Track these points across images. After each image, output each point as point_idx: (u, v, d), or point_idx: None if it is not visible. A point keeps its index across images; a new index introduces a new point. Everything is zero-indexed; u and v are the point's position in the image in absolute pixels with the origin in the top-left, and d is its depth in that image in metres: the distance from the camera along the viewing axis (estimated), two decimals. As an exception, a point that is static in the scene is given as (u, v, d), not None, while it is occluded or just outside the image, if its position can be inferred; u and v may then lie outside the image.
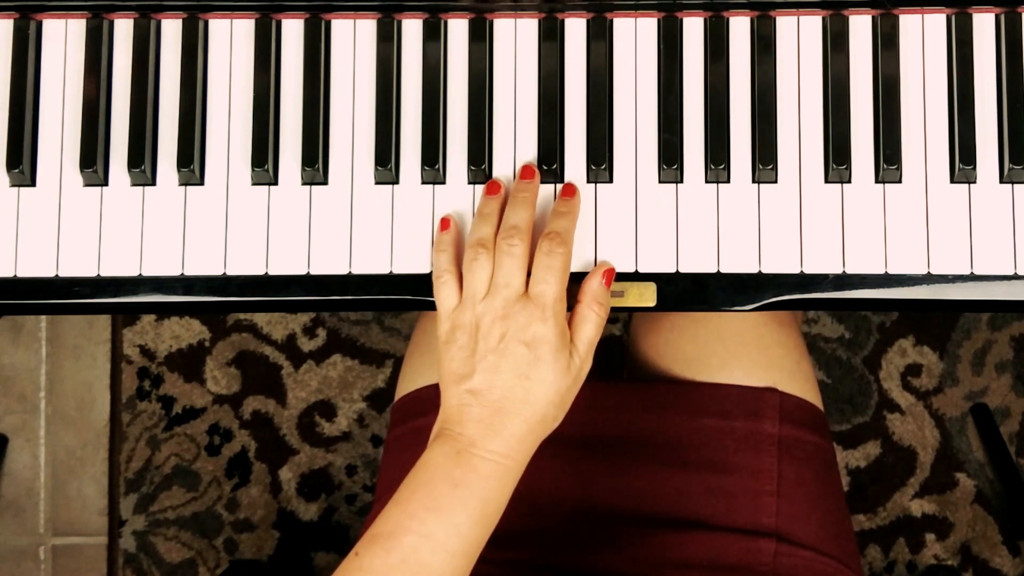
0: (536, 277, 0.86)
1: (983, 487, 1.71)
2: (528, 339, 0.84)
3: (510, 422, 0.84)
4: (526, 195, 0.89)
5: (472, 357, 0.85)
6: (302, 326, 1.76)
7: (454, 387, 0.86)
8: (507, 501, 0.85)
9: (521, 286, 0.86)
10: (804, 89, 0.92)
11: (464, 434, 0.84)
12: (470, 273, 0.87)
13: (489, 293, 0.86)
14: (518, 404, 0.84)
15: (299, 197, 0.93)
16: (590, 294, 0.88)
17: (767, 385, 1.04)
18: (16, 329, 1.79)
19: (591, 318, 0.88)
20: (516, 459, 0.85)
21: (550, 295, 0.85)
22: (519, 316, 0.85)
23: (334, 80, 0.94)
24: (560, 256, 0.86)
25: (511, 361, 0.84)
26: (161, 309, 0.94)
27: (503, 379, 0.84)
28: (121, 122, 0.94)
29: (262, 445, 1.76)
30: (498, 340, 0.85)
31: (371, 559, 0.81)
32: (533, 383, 0.84)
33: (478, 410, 0.84)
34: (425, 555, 0.80)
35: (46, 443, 1.78)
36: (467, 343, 0.86)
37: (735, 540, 0.99)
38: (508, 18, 0.94)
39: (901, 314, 1.73)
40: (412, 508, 0.82)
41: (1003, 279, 0.90)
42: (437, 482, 0.83)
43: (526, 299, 0.85)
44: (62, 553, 1.78)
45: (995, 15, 0.92)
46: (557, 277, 0.86)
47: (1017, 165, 0.89)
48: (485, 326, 0.85)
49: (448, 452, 0.84)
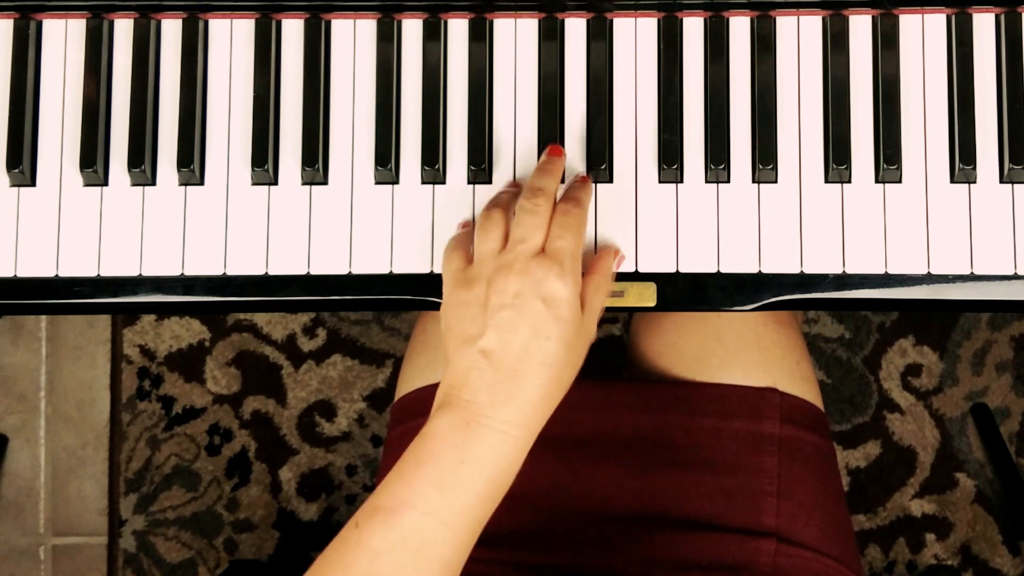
0: (554, 234, 0.82)
1: (983, 487, 1.71)
2: (546, 296, 0.79)
3: (526, 386, 0.79)
4: (552, 166, 0.87)
5: (483, 313, 0.80)
6: (302, 326, 1.76)
7: (464, 348, 0.80)
8: (516, 474, 0.81)
9: (539, 244, 0.81)
10: (804, 89, 0.92)
11: (473, 401, 0.79)
12: (482, 230, 0.83)
13: (505, 248, 0.82)
14: (536, 366, 0.79)
15: (299, 197, 0.93)
16: (604, 269, 0.86)
17: (767, 385, 1.04)
18: (16, 329, 1.79)
19: (603, 288, 0.85)
20: (529, 428, 0.80)
21: (568, 251, 0.81)
22: (536, 271, 0.80)
23: (334, 80, 0.94)
24: (576, 216, 0.83)
25: (528, 318, 0.79)
26: (161, 309, 0.94)
27: (520, 338, 0.79)
28: (121, 122, 0.94)
29: (262, 445, 1.76)
30: (513, 295, 0.79)
31: (371, 534, 0.77)
32: (552, 343, 0.79)
33: (490, 374, 0.79)
34: (428, 533, 0.77)
35: (46, 443, 1.78)
36: (476, 298, 0.80)
37: (735, 540, 0.99)
38: (508, 18, 0.94)
39: (901, 314, 1.73)
40: (416, 483, 0.78)
41: (1003, 279, 0.90)
42: (443, 456, 0.78)
43: (544, 255, 0.81)
44: (62, 553, 1.78)
45: (995, 15, 0.92)
46: (575, 235, 0.82)
47: (1017, 165, 0.89)
48: (500, 280, 0.80)
49: (455, 423, 0.79)
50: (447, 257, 0.86)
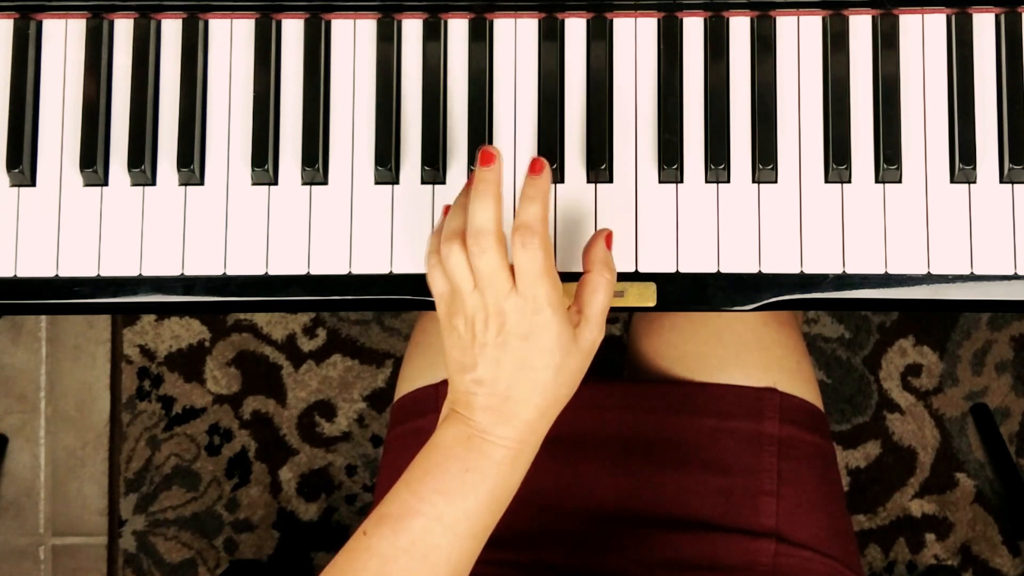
0: (519, 272, 0.82)
1: (983, 487, 1.71)
2: (526, 332, 0.82)
3: (520, 409, 0.82)
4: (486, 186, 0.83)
5: (472, 348, 0.83)
6: (302, 326, 1.76)
7: (459, 375, 0.84)
8: (519, 483, 0.84)
9: (506, 282, 0.82)
10: (804, 89, 0.92)
11: (474, 419, 0.83)
12: (449, 270, 0.83)
13: (477, 287, 0.82)
14: (526, 393, 0.82)
15: (299, 197, 0.93)
16: (598, 262, 0.85)
17: (767, 385, 1.04)
18: (16, 329, 1.79)
19: (602, 284, 0.85)
20: (529, 442, 0.83)
21: (540, 290, 0.81)
22: (512, 313, 0.82)
23: (334, 80, 0.94)
24: (536, 248, 0.82)
25: (512, 355, 0.82)
26: (161, 309, 0.94)
27: (507, 371, 0.82)
28: (121, 122, 0.94)
29: (262, 445, 1.76)
30: (496, 334, 0.82)
31: (379, 540, 0.80)
32: (538, 372, 0.82)
33: (484, 399, 0.82)
34: (434, 538, 0.80)
35: (46, 443, 1.78)
36: (465, 333, 0.83)
37: (735, 540, 0.99)
38: (508, 18, 0.94)
39: (901, 314, 1.73)
40: (423, 490, 0.81)
41: (1003, 279, 0.90)
42: (449, 465, 0.82)
43: (515, 294, 0.82)
44: (62, 553, 1.78)
45: (995, 15, 0.92)
46: (539, 269, 0.81)
47: (1017, 165, 0.89)
48: (480, 320, 0.82)
49: (459, 435, 0.82)
50: (429, 270, 0.85)
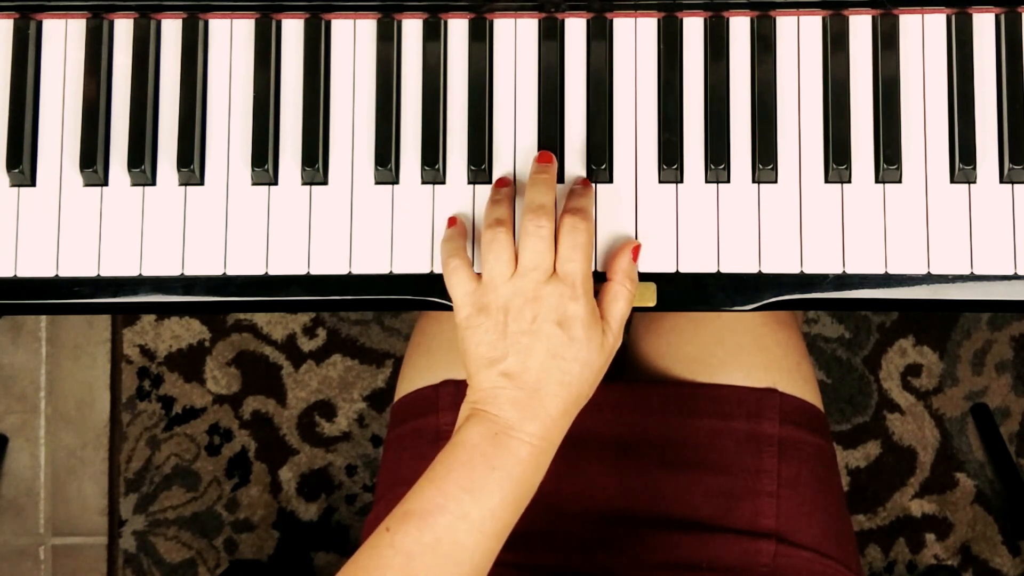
0: (563, 256, 0.84)
1: (983, 487, 1.71)
2: (561, 319, 0.83)
3: (548, 403, 0.83)
4: (547, 176, 0.88)
5: (503, 339, 0.83)
6: (302, 326, 1.76)
7: (486, 370, 0.84)
8: (538, 485, 0.85)
9: (550, 266, 0.84)
10: (804, 89, 0.92)
11: (501, 416, 0.83)
12: (490, 253, 0.85)
13: (517, 274, 0.84)
14: (555, 386, 0.83)
15: (299, 197, 0.93)
16: (621, 271, 0.87)
17: (767, 386, 1.04)
18: (16, 329, 1.79)
19: (623, 295, 0.87)
20: (552, 440, 0.84)
21: (579, 273, 0.84)
22: (550, 297, 0.83)
23: (334, 80, 0.94)
24: (584, 232, 0.85)
25: (545, 342, 0.83)
26: (161, 309, 0.94)
27: (538, 361, 0.83)
28: (121, 122, 0.94)
29: (262, 445, 1.76)
30: (530, 321, 0.83)
31: (403, 536, 0.80)
32: (568, 363, 0.83)
33: (513, 392, 0.83)
34: (459, 536, 0.80)
35: (46, 443, 1.78)
36: (495, 326, 0.84)
37: (735, 541, 0.99)
38: (508, 18, 0.94)
39: (901, 314, 1.73)
40: (448, 488, 0.81)
41: (1003, 279, 0.90)
42: (475, 463, 0.82)
43: (556, 279, 0.84)
44: (62, 553, 1.78)
45: (995, 15, 0.92)
46: (584, 254, 0.85)
47: (1017, 165, 0.89)
48: (515, 308, 0.83)
49: (485, 433, 0.83)
50: (450, 274, 0.87)
